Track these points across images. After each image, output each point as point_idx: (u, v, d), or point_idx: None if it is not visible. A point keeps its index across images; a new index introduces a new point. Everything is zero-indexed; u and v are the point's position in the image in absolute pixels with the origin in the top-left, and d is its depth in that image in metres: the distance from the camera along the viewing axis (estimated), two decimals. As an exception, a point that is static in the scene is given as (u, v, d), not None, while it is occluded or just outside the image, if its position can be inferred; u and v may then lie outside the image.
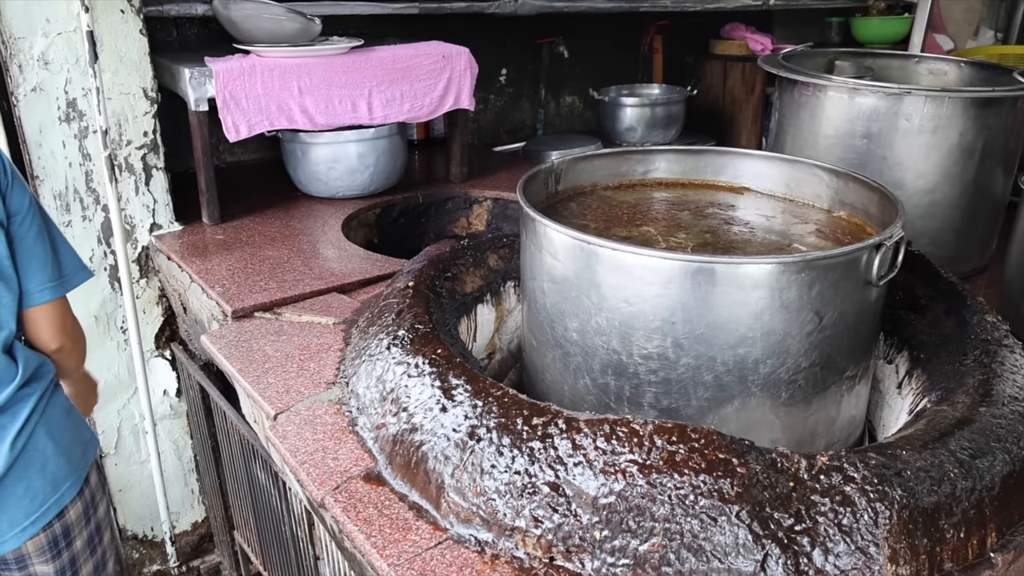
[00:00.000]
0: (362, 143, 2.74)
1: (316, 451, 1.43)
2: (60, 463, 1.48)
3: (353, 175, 2.76)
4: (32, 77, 2.23)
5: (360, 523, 1.26)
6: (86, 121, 2.33)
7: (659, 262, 1.32)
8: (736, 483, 1.12)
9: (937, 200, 2.07)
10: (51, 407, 1.50)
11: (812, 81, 2.10)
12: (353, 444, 1.44)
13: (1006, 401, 1.37)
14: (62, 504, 1.50)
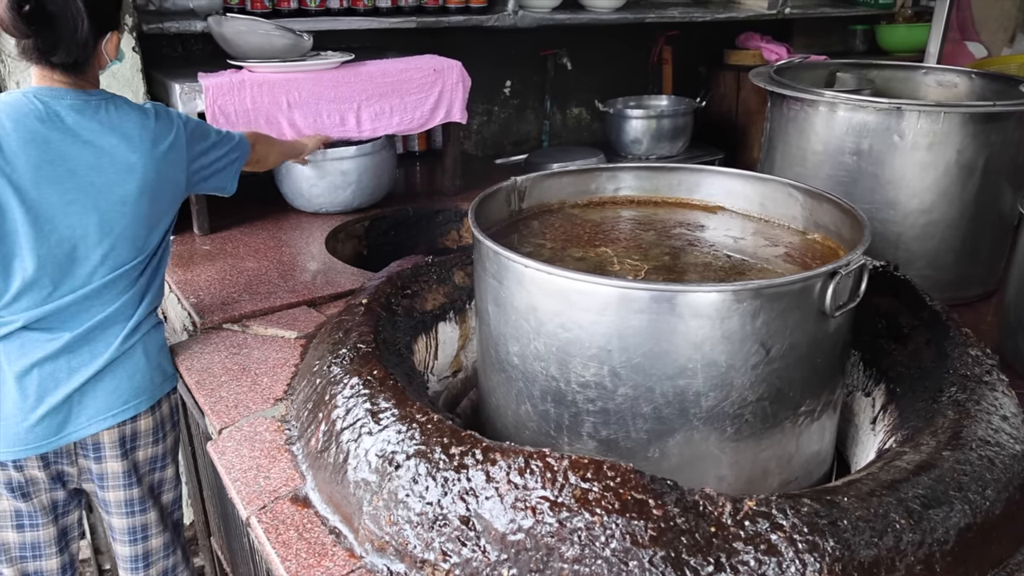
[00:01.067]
0: (344, 160, 2.68)
1: (250, 468, 1.40)
2: (144, 378, 1.74)
3: (335, 192, 2.71)
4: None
5: (278, 545, 1.22)
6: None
7: (592, 287, 1.26)
8: (651, 526, 1.05)
9: (934, 220, 1.96)
10: (152, 335, 1.77)
11: (799, 95, 2.02)
12: (287, 463, 1.40)
13: (975, 445, 1.28)
14: (137, 410, 1.73)
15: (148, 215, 1.70)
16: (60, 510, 1.81)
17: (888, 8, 4.14)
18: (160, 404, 1.80)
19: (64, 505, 1.81)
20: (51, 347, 1.64)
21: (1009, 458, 1.28)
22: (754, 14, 3.70)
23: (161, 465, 1.84)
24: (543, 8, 3.39)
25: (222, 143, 1.90)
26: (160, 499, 1.87)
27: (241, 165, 1.96)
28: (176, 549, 1.93)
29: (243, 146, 1.97)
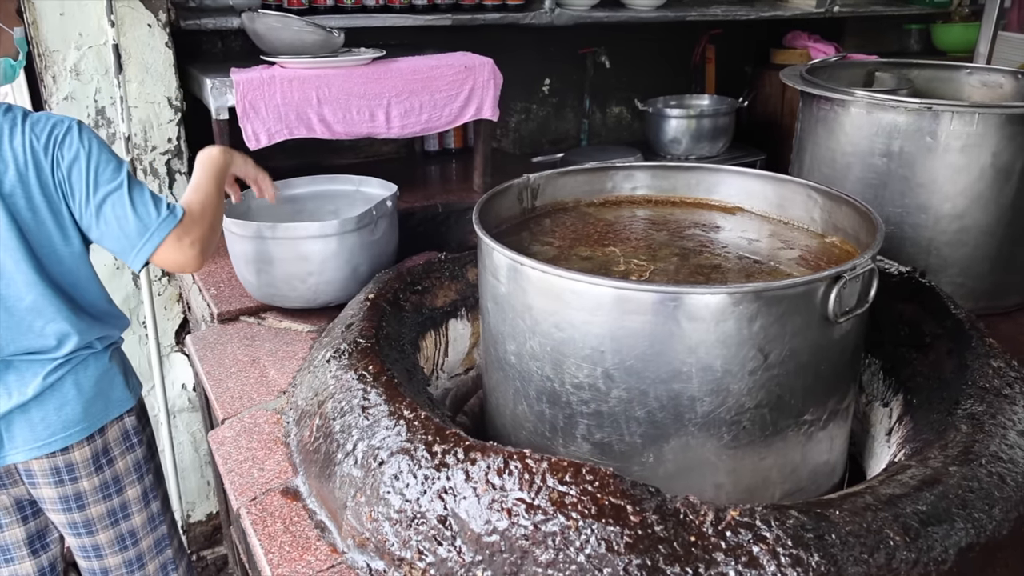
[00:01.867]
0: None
1: (246, 460, 1.40)
2: (75, 410, 1.67)
3: (326, 279, 1.94)
4: (65, 87, 2.32)
5: (263, 537, 1.22)
6: (114, 128, 2.39)
7: (585, 287, 1.23)
8: (627, 533, 1.02)
9: (967, 226, 1.88)
10: (86, 366, 1.69)
11: (828, 95, 1.95)
12: (281, 456, 1.40)
13: (985, 461, 1.22)
14: (68, 442, 1.67)
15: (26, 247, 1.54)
16: (29, 510, 1.77)
17: (944, 7, 3.99)
18: (104, 431, 1.72)
19: (33, 505, 1.77)
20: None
21: (1022, 475, 1.21)
22: (801, 12, 3.61)
23: (116, 490, 1.76)
24: (581, 6, 3.35)
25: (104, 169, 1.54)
26: (123, 522, 1.80)
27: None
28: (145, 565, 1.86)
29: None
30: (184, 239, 1.55)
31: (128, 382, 1.79)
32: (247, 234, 1.90)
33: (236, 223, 1.92)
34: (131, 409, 1.79)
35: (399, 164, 3.51)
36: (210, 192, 1.67)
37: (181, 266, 1.59)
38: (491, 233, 1.58)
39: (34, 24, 2.21)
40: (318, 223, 1.90)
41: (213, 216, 1.64)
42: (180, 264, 1.58)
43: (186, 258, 1.57)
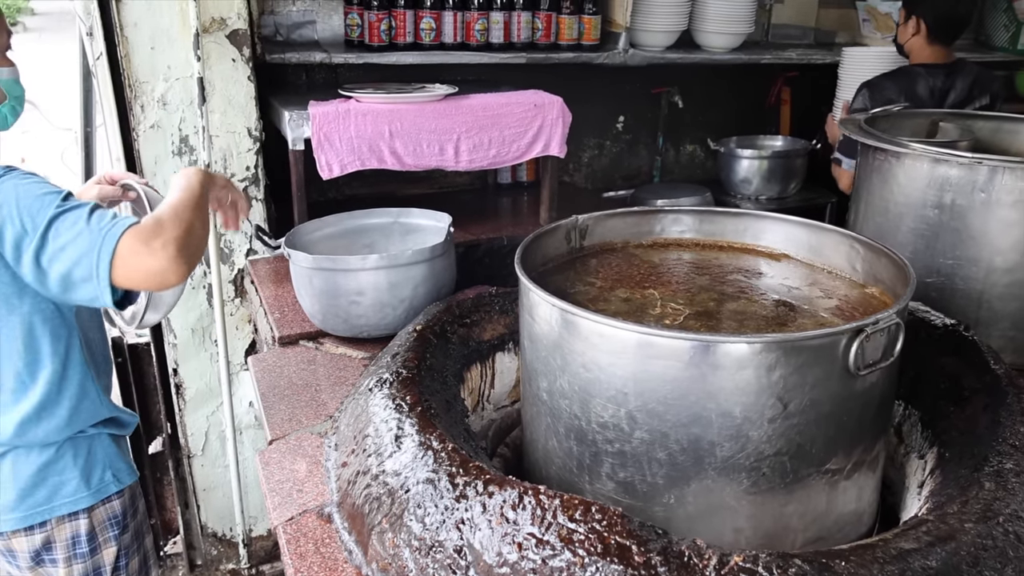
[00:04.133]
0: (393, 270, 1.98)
1: (287, 480, 1.49)
2: (8, 496, 1.62)
3: (383, 311, 2.01)
4: (152, 116, 2.50)
5: (294, 557, 1.31)
6: (196, 155, 2.56)
7: (611, 331, 1.29)
8: (631, 572, 1.07)
9: (1019, 280, 1.86)
10: (26, 457, 1.62)
11: (882, 145, 1.96)
12: (320, 478, 1.49)
13: (1003, 519, 1.21)
14: (2, 528, 1.64)
15: None
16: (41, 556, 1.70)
17: (1023, 54, 3.91)
18: (48, 526, 1.64)
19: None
20: None
21: (1042, 539, 1.20)
22: (878, 55, 3.58)
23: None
24: (655, 47, 3.42)
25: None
26: None
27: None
28: None
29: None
30: (153, 241, 1.34)
31: (91, 480, 1.67)
32: (306, 265, 2.00)
33: (294, 253, 2.02)
34: (87, 510, 1.67)
35: (472, 195, 3.62)
36: (182, 200, 1.47)
37: (156, 271, 1.35)
38: (537, 271, 1.65)
39: (126, 57, 2.40)
40: (375, 255, 1.98)
41: (190, 221, 1.42)
42: (153, 269, 1.35)
43: (159, 261, 1.34)
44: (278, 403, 1.76)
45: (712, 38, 3.47)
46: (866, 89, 2.87)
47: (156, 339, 2.78)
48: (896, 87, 2.80)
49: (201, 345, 2.75)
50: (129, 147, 2.54)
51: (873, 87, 2.86)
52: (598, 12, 3.24)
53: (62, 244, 1.35)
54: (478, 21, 3.05)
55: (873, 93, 2.83)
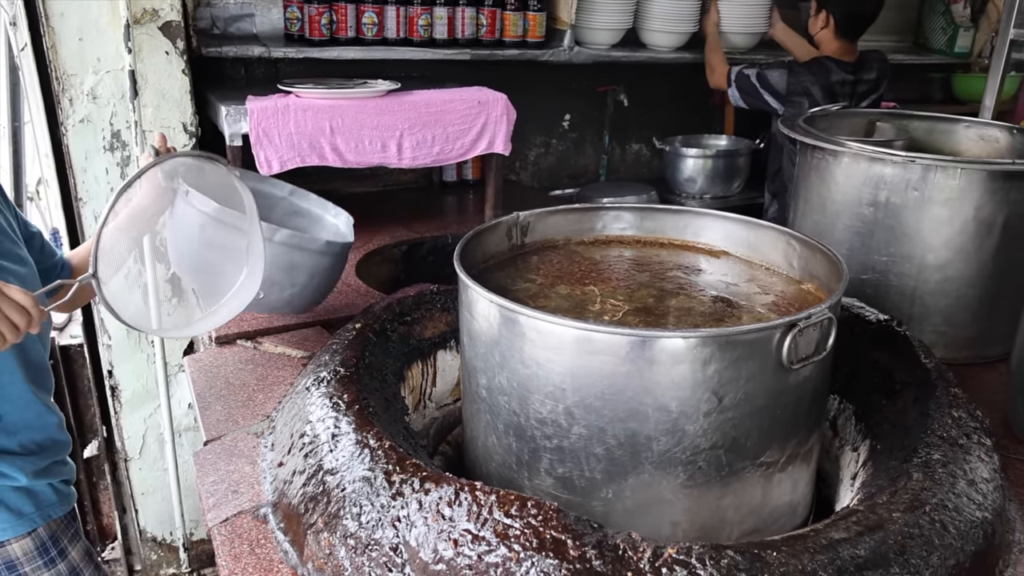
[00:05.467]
0: None
1: (222, 482, 1.46)
2: None
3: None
4: (81, 110, 2.43)
5: (229, 558, 1.28)
6: (128, 151, 2.50)
7: (548, 327, 1.28)
8: (566, 566, 1.06)
9: (950, 277, 1.91)
10: None
11: (819, 144, 1.99)
12: (256, 479, 1.46)
13: (930, 509, 1.24)
14: None
15: None
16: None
17: (964, 57, 4.02)
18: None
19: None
20: None
21: (966, 524, 1.24)
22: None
23: None
24: (600, 45, 3.44)
25: None
26: None
27: None
28: None
29: None
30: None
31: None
32: (204, 209, 1.70)
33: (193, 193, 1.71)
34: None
35: (416, 193, 3.60)
36: None
37: None
38: (478, 268, 1.65)
39: (53, 48, 2.32)
40: (287, 232, 1.83)
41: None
42: None
43: None
44: (214, 403, 1.73)
45: (657, 37, 3.50)
46: (786, 70, 3.02)
47: (90, 340, 2.70)
48: (812, 76, 2.98)
49: (137, 346, 2.69)
50: (58, 142, 2.47)
51: (792, 71, 3.01)
52: (543, 9, 3.24)
53: None
54: (421, 16, 3.03)
55: (791, 76, 3.00)
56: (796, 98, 2.98)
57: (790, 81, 2.97)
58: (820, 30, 3.04)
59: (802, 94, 2.95)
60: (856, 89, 3.04)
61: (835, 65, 2.99)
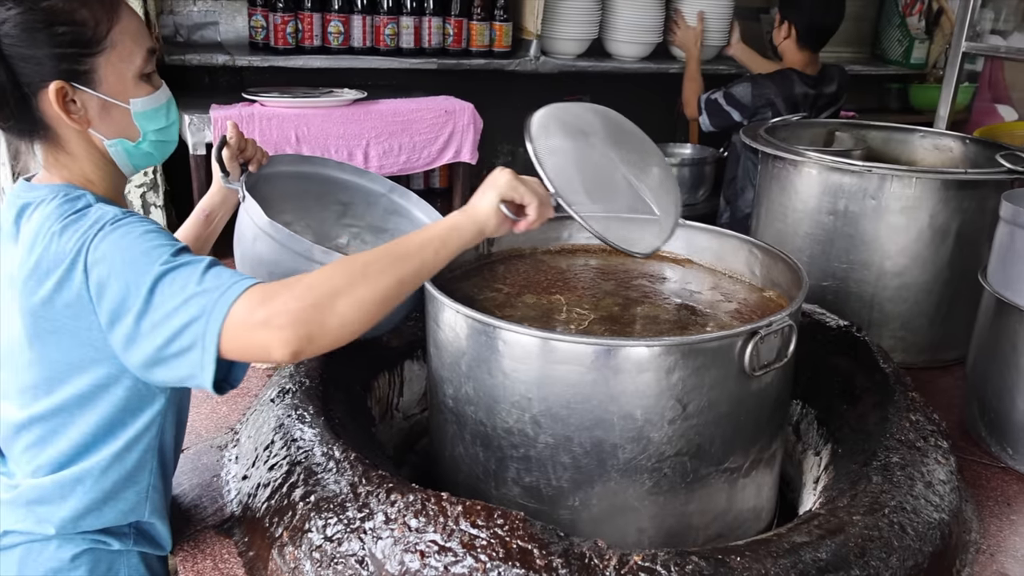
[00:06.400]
0: None
1: (185, 496, 1.45)
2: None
3: None
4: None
5: (191, 574, 1.27)
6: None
7: (514, 336, 1.29)
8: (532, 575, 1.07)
9: (907, 283, 1.95)
10: (23, 555, 1.25)
11: (780, 154, 2.03)
12: (219, 492, 1.45)
13: (889, 511, 1.27)
14: None
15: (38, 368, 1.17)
16: None
17: (920, 68, 4.11)
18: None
19: None
20: None
21: (924, 526, 1.27)
22: (781, 67, 3.71)
23: None
24: (566, 55, 3.47)
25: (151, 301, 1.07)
26: None
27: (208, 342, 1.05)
28: None
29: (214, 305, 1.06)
30: (262, 307, 1.04)
31: None
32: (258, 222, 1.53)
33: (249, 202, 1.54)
34: None
35: (383, 202, 3.58)
36: (387, 252, 1.16)
37: (257, 344, 1.05)
38: (444, 277, 1.64)
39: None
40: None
41: (354, 284, 1.09)
42: (254, 341, 1.05)
43: (263, 333, 1.04)
44: (178, 415, 1.71)
45: (622, 47, 3.53)
46: (750, 83, 3.07)
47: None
48: (775, 87, 3.03)
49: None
50: (19, 150, 2.43)
51: (756, 83, 3.07)
52: (509, 19, 3.26)
53: (168, 310, 1.06)
54: (388, 25, 3.04)
55: (755, 88, 3.05)
56: (760, 109, 3.03)
57: (754, 93, 3.02)
58: (783, 40, 3.10)
59: (766, 105, 3.01)
60: (817, 102, 3.10)
61: (798, 78, 3.05)
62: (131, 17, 1.20)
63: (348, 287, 1.08)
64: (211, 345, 1.04)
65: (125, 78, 1.19)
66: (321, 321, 1.05)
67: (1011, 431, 1.64)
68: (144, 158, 1.27)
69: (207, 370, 1.06)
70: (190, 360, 1.06)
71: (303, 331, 1.04)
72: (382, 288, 1.11)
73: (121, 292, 1.07)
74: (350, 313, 1.07)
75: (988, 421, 1.70)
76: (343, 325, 1.07)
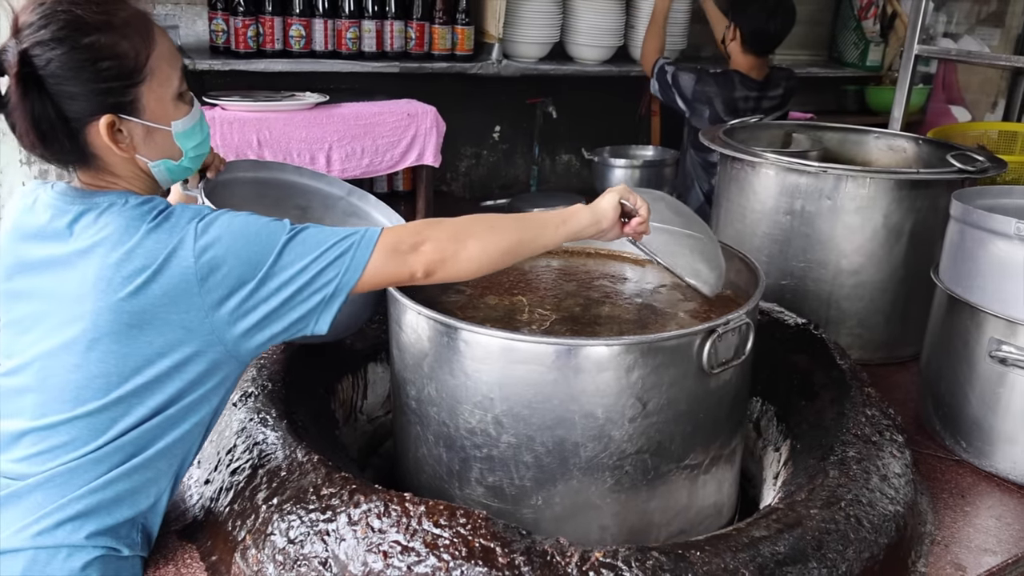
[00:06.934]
0: None
1: (149, 503, 1.43)
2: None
3: None
4: (-2, 121, 2.35)
5: (154, 581, 1.26)
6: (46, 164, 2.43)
7: (475, 337, 1.30)
8: (494, 574, 1.08)
9: (863, 281, 1.99)
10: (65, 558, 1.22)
11: (738, 155, 2.06)
12: (182, 498, 1.44)
13: (845, 504, 1.30)
14: None
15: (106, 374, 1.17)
16: None
17: (875, 71, 4.19)
18: None
19: None
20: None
21: (879, 518, 1.29)
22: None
23: None
24: (528, 59, 3.48)
25: (304, 262, 1.18)
26: None
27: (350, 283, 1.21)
28: None
29: (361, 245, 1.21)
30: (411, 238, 1.24)
31: None
32: None
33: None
34: None
35: (347, 205, 3.57)
36: (517, 227, 1.33)
37: (402, 265, 1.23)
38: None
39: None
40: None
41: (486, 238, 1.29)
42: (401, 265, 1.24)
43: (412, 261, 1.23)
44: (139, 422, 1.69)
45: (583, 50, 3.56)
46: (695, 76, 3.09)
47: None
48: (716, 88, 3.05)
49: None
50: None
51: (700, 78, 3.08)
52: (471, 23, 3.27)
53: (303, 265, 1.18)
54: (349, 29, 3.03)
55: (697, 84, 3.07)
56: (698, 105, 3.06)
57: (695, 88, 3.05)
58: (731, 43, 3.13)
59: (704, 103, 3.03)
60: (760, 105, 3.11)
61: (740, 81, 3.07)
62: (164, 40, 1.23)
63: (480, 233, 1.29)
64: (349, 282, 1.20)
65: (165, 101, 1.24)
66: (455, 251, 1.26)
67: (964, 425, 1.68)
68: (182, 172, 1.34)
69: (333, 308, 1.20)
70: (313, 303, 1.19)
71: (439, 256, 1.25)
72: (505, 241, 1.30)
73: (241, 267, 1.16)
74: (476, 253, 1.28)
75: (942, 415, 1.74)
76: (469, 259, 1.27)
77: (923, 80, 4.16)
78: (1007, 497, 1.61)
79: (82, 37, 1.13)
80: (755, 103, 3.08)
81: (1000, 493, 1.62)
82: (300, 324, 1.20)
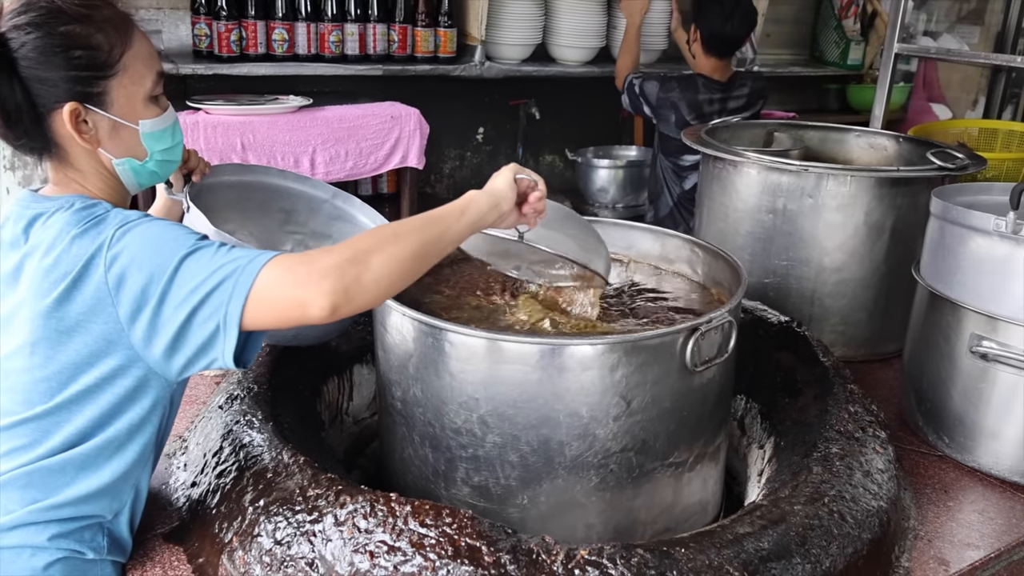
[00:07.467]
0: None
1: (135, 507, 1.43)
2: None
3: None
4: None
5: (141, 584, 1.25)
6: (29, 170, 2.42)
7: (460, 338, 1.30)
8: (481, 572, 1.08)
9: (845, 279, 2.01)
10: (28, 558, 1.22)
11: (720, 155, 2.07)
12: (168, 501, 1.44)
13: (829, 500, 1.31)
14: None
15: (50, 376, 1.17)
16: None
17: (856, 69, 4.22)
18: None
19: None
20: None
21: (863, 513, 1.31)
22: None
23: None
24: (511, 60, 3.49)
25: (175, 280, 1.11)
26: None
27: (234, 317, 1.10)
28: None
29: (243, 274, 1.10)
30: (300, 267, 1.10)
31: None
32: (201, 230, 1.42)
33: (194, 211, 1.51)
34: None
35: (331, 208, 3.57)
36: (411, 227, 1.22)
37: (292, 300, 1.09)
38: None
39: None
40: None
41: (386, 249, 1.15)
42: (290, 297, 1.09)
43: (300, 290, 1.08)
44: (123, 426, 1.69)
45: (566, 52, 3.57)
46: (658, 83, 3.10)
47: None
48: (679, 91, 3.06)
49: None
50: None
51: (664, 84, 3.09)
52: (454, 25, 3.27)
53: (193, 285, 1.10)
54: (332, 32, 3.03)
55: (661, 90, 3.08)
56: (664, 111, 3.07)
57: (659, 95, 3.06)
58: (694, 45, 3.14)
59: (669, 108, 3.05)
60: (726, 106, 3.12)
61: (704, 84, 3.08)
62: (143, 41, 1.24)
63: (381, 245, 1.14)
64: (235, 311, 1.09)
65: (135, 100, 1.23)
66: (357, 275, 1.11)
67: (946, 420, 1.70)
68: (149, 176, 1.31)
69: (229, 340, 1.10)
70: (209, 330, 1.10)
71: (341, 285, 1.09)
72: (411, 247, 1.18)
73: (143, 281, 1.11)
74: (384, 269, 1.13)
75: (924, 411, 1.75)
76: (378, 280, 1.13)
77: (904, 78, 4.20)
78: (989, 492, 1.62)
79: (59, 25, 1.14)
80: (720, 104, 3.09)
81: (983, 488, 1.63)
82: (207, 353, 1.12)
